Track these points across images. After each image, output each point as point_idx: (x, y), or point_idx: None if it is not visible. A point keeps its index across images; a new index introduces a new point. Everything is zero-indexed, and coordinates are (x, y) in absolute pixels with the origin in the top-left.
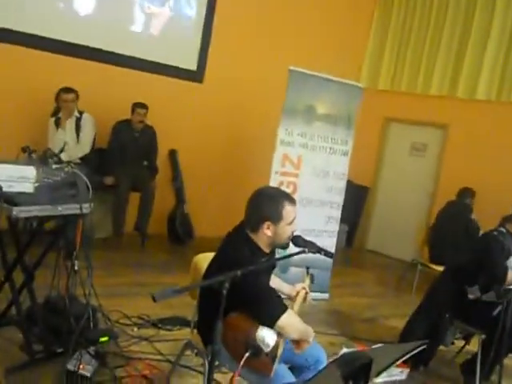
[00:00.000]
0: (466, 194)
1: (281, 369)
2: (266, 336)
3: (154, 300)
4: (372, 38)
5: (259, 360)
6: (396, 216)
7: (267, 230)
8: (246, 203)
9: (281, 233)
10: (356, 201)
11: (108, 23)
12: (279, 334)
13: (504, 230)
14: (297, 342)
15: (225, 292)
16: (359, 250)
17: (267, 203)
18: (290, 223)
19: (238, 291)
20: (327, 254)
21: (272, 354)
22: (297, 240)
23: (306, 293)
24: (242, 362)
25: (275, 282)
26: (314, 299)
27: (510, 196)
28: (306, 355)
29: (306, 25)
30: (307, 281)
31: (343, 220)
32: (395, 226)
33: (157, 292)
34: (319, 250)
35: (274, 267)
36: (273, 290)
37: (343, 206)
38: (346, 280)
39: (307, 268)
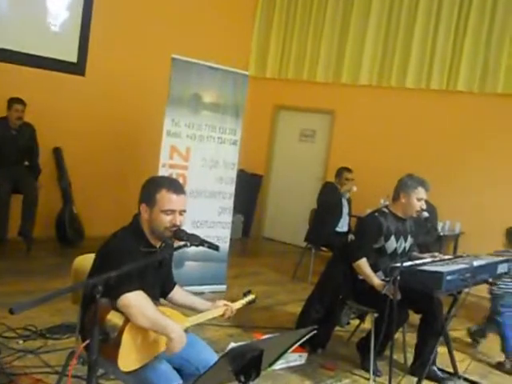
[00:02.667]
0: (336, 174)
1: (165, 369)
2: (113, 319)
3: (12, 313)
4: (257, 26)
5: (107, 346)
6: (289, 202)
7: (144, 213)
8: None
9: (155, 219)
10: (250, 190)
11: None
12: (127, 320)
13: (387, 211)
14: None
15: (98, 296)
16: (256, 238)
17: (146, 186)
18: (166, 212)
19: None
20: (211, 246)
21: (117, 340)
22: (179, 233)
23: (227, 309)
24: (83, 345)
25: (189, 298)
26: (210, 292)
27: (393, 177)
28: (194, 363)
29: (190, 12)
30: (241, 301)
31: (238, 210)
32: (289, 213)
33: (15, 304)
34: (202, 243)
35: (168, 274)
36: (135, 274)
37: (237, 196)
38: (243, 270)
39: (248, 291)
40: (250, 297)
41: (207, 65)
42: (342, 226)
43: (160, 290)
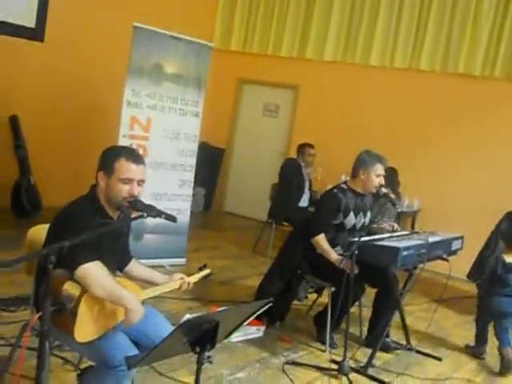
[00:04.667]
0: (298, 149)
1: (121, 340)
2: (69, 289)
3: None
4: None
5: (63, 317)
6: (251, 177)
7: (101, 181)
8: None
9: (113, 188)
10: (212, 163)
11: None
12: (84, 290)
13: (345, 187)
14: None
15: (51, 267)
16: (217, 212)
17: (105, 154)
18: (124, 181)
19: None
20: (169, 217)
21: (73, 310)
22: (135, 204)
23: (183, 282)
24: (36, 316)
25: (146, 271)
26: (170, 265)
27: (354, 153)
28: (151, 336)
29: None
30: (197, 275)
31: (200, 183)
32: (251, 187)
33: None
34: (159, 214)
35: (125, 246)
36: (92, 244)
37: (199, 169)
38: (203, 244)
39: (204, 265)
40: (206, 271)
41: (170, 35)
42: (304, 201)
43: (116, 262)
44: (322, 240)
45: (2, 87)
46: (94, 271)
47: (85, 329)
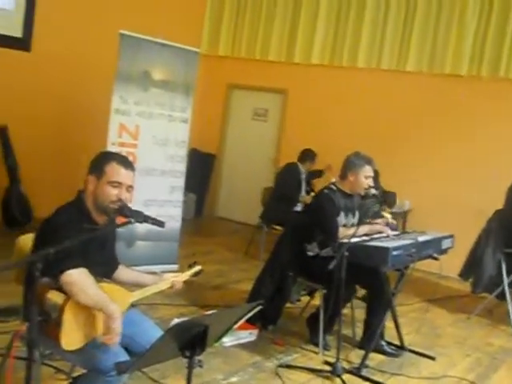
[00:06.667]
0: (302, 156)
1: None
2: (53, 298)
3: None
4: (210, 3)
5: (49, 326)
6: (242, 182)
7: (90, 185)
8: None
9: (101, 191)
10: (203, 169)
11: None
12: (67, 298)
13: (334, 188)
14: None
15: (37, 274)
16: (209, 218)
17: (97, 159)
18: (113, 184)
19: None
20: (156, 222)
21: (58, 320)
22: (122, 210)
23: (175, 281)
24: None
25: (134, 274)
26: (162, 271)
27: (343, 155)
28: (141, 342)
29: None
30: (187, 272)
31: (191, 189)
32: (242, 192)
33: None
34: (146, 219)
35: (111, 252)
36: (77, 250)
37: (190, 175)
38: (195, 249)
39: (194, 262)
40: (196, 268)
41: (156, 41)
42: (298, 205)
43: (104, 269)
44: (344, 231)
45: None
46: (78, 278)
47: (71, 337)
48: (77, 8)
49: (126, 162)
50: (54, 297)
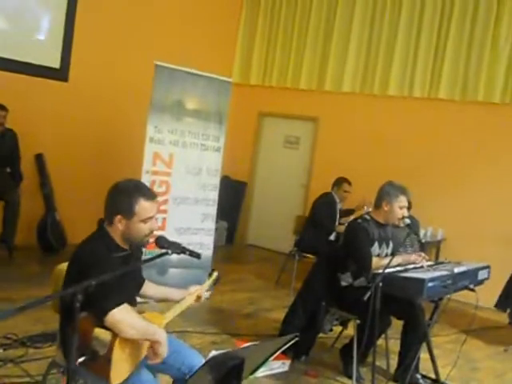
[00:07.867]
0: (335, 182)
1: (145, 376)
2: (100, 335)
3: None
4: (241, 33)
5: (97, 363)
6: (273, 209)
7: (119, 224)
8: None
9: (134, 229)
10: (234, 197)
11: None
12: (115, 335)
13: (368, 218)
14: (152, 349)
15: (78, 305)
16: (240, 245)
17: (120, 196)
18: (145, 221)
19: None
20: (192, 254)
21: (108, 357)
22: (160, 241)
23: (198, 293)
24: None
25: (161, 290)
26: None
27: (376, 184)
28: (178, 364)
29: (174, 19)
30: (208, 281)
31: (222, 217)
32: (273, 219)
33: None
34: (183, 251)
35: (139, 272)
36: (114, 285)
37: (221, 202)
38: (226, 277)
39: (212, 270)
40: (214, 275)
41: (190, 72)
42: (333, 235)
43: (136, 292)
44: (377, 262)
45: (29, 126)
46: (124, 316)
47: (119, 371)
48: (112, 39)
49: (151, 194)
50: (102, 334)
